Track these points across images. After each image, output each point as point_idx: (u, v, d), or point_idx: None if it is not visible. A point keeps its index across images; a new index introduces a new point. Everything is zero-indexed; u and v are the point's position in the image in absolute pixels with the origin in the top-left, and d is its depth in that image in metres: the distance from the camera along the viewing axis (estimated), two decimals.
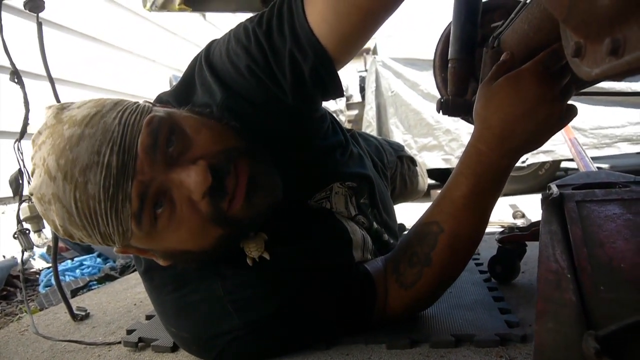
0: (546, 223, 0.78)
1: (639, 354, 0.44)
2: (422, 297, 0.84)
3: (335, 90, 0.79)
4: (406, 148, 3.27)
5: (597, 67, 0.45)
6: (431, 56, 1.18)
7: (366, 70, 3.98)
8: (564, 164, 3.45)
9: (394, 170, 1.55)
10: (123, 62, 3.22)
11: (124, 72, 3.21)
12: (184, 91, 0.84)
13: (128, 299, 1.37)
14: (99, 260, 2.03)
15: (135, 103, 0.68)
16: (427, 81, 3.42)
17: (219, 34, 0.83)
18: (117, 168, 0.61)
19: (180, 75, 0.87)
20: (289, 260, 0.80)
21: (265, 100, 0.77)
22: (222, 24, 4.50)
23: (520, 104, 0.70)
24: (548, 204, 0.83)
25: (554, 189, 0.93)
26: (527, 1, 0.76)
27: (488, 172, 0.77)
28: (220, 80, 0.77)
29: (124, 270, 1.86)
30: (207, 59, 0.80)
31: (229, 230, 0.70)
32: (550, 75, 0.69)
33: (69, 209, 0.62)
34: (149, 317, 1.12)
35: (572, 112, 0.74)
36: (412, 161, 1.68)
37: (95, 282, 1.72)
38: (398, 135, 3.53)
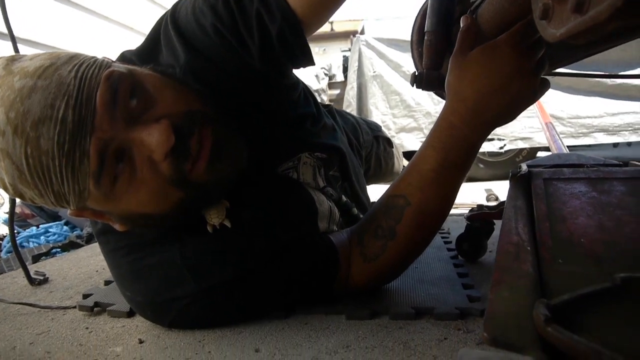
0: (512, 198, 0.77)
1: (589, 324, 0.43)
2: (385, 270, 0.83)
3: (304, 55, 0.77)
4: (384, 129, 3.25)
5: (562, 26, 0.43)
6: None
7: (350, 50, 3.95)
8: (541, 153, 3.48)
9: (370, 149, 1.54)
10: (98, 27, 3.12)
11: (99, 37, 3.11)
12: (148, 50, 0.81)
13: (91, 265, 1.34)
14: (65, 228, 1.99)
15: (92, 57, 0.65)
16: (410, 62, 3.39)
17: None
18: (74, 123, 0.57)
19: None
20: (250, 227, 0.78)
21: (231, 63, 0.75)
22: None
23: (495, 77, 0.68)
24: (516, 180, 0.83)
25: (524, 167, 0.93)
26: None
27: (459, 146, 0.75)
28: (185, 41, 0.74)
29: (91, 239, 1.82)
30: (173, 17, 0.77)
31: (190, 193, 0.68)
32: (526, 47, 0.67)
33: (20, 166, 0.58)
34: (107, 283, 1.09)
35: (545, 85, 0.73)
36: (389, 142, 1.67)
37: (59, 249, 1.68)
38: (377, 115, 3.51)
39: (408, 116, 3.47)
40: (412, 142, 3.46)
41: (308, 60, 0.79)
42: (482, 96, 0.70)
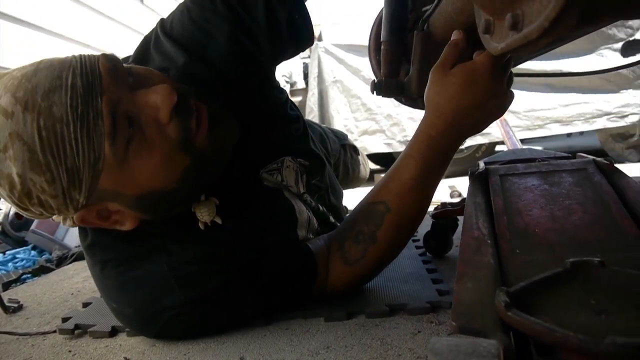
0: (472, 195, 0.82)
1: (544, 307, 0.48)
2: (364, 273, 0.88)
3: (309, 35, 0.81)
4: (348, 133, 3.30)
5: (502, 41, 0.48)
6: None
7: (309, 57, 4.00)
8: (499, 147, 3.61)
9: (338, 158, 1.59)
10: (53, 46, 3.07)
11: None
12: (139, 61, 0.84)
13: (65, 289, 1.33)
14: (33, 252, 1.95)
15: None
16: (369, 67, 3.47)
17: (157, 19, 0.85)
18: (84, 87, 0.61)
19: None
20: (235, 234, 0.81)
21: (231, 62, 0.80)
22: (160, 8, 4.37)
23: (473, 97, 0.74)
24: (474, 178, 0.88)
25: (481, 164, 0.99)
26: None
27: (436, 156, 0.81)
28: (183, 46, 0.80)
29: (61, 262, 1.79)
30: (165, 31, 0.83)
31: (195, 161, 0.71)
32: (499, 68, 0.73)
33: (31, 145, 0.59)
34: (86, 305, 1.09)
35: (512, 98, 0.79)
36: (355, 150, 1.74)
37: (29, 275, 1.65)
38: (339, 120, 3.57)
39: (370, 119, 3.54)
40: (375, 144, 3.53)
41: (311, 41, 0.84)
42: (459, 113, 0.76)
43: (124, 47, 0.91)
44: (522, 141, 3.07)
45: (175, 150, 0.68)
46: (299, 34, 0.82)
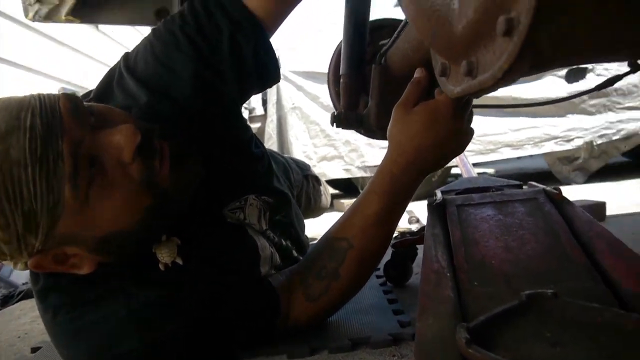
0: (430, 227, 0.84)
1: (502, 340, 0.49)
2: (327, 308, 0.88)
3: (276, 72, 0.84)
4: (308, 162, 3.32)
5: (458, 85, 0.50)
6: None
7: None
8: (454, 170, 3.71)
9: (300, 189, 1.60)
10: (3, 73, 2.97)
11: (5, 84, 2.96)
12: (101, 99, 0.82)
13: (11, 331, 1.26)
14: None
15: None
16: (327, 93, 3.52)
17: (113, 45, 0.84)
18: (43, 128, 0.58)
19: (71, 88, 0.86)
20: (197, 275, 0.79)
21: (195, 100, 0.79)
22: (117, 34, 4.31)
23: (435, 135, 0.76)
24: (432, 209, 0.90)
25: (439, 194, 1.01)
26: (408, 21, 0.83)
27: (398, 192, 0.83)
28: (145, 84, 0.79)
29: (7, 301, 1.70)
30: (128, 67, 0.81)
31: (158, 199, 0.69)
32: (460, 107, 0.75)
33: None
34: (34, 350, 1.04)
35: (471, 135, 0.82)
36: (317, 180, 1.75)
37: None
38: (298, 146, 3.59)
39: (328, 145, 3.57)
40: (334, 170, 3.56)
41: (278, 77, 0.85)
42: (421, 152, 0.78)
43: (78, 73, 0.88)
44: (475, 164, 3.17)
45: (138, 190, 0.67)
46: (265, 71, 0.83)
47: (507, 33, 0.35)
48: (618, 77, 0.68)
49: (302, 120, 3.64)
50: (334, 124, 1.08)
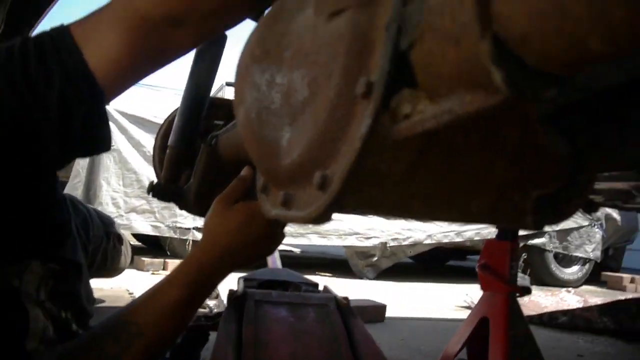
0: (226, 322, 0.84)
1: None
2: None
3: (106, 138, 0.74)
4: (115, 210, 3.09)
5: (274, 209, 0.53)
6: (160, 122, 1.19)
7: None
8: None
9: (98, 245, 1.46)
10: None
11: None
12: None
13: None
14: None
15: None
16: (152, 145, 3.39)
17: None
18: None
19: None
20: None
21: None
22: None
23: (249, 237, 0.78)
24: (231, 302, 0.91)
25: (241, 285, 1.03)
26: None
27: (202, 284, 0.80)
28: None
29: None
30: None
31: None
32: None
33: None
34: None
35: (282, 240, 0.86)
36: (119, 239, 1.63)
37: None
38: (107, 191, 3.30)
39: (141, 197, 3.36)
40: (142, 224, 3.34)
41: (108, 147, 0.76)
42: (234, 248, 0.79)
43: None
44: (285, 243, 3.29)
45: None
46: (93, 139, 0.73)
47: (321, 187, 0.39)
48: None
49: (118, 164, 3.39)
50: (150, 193, 1.04)
